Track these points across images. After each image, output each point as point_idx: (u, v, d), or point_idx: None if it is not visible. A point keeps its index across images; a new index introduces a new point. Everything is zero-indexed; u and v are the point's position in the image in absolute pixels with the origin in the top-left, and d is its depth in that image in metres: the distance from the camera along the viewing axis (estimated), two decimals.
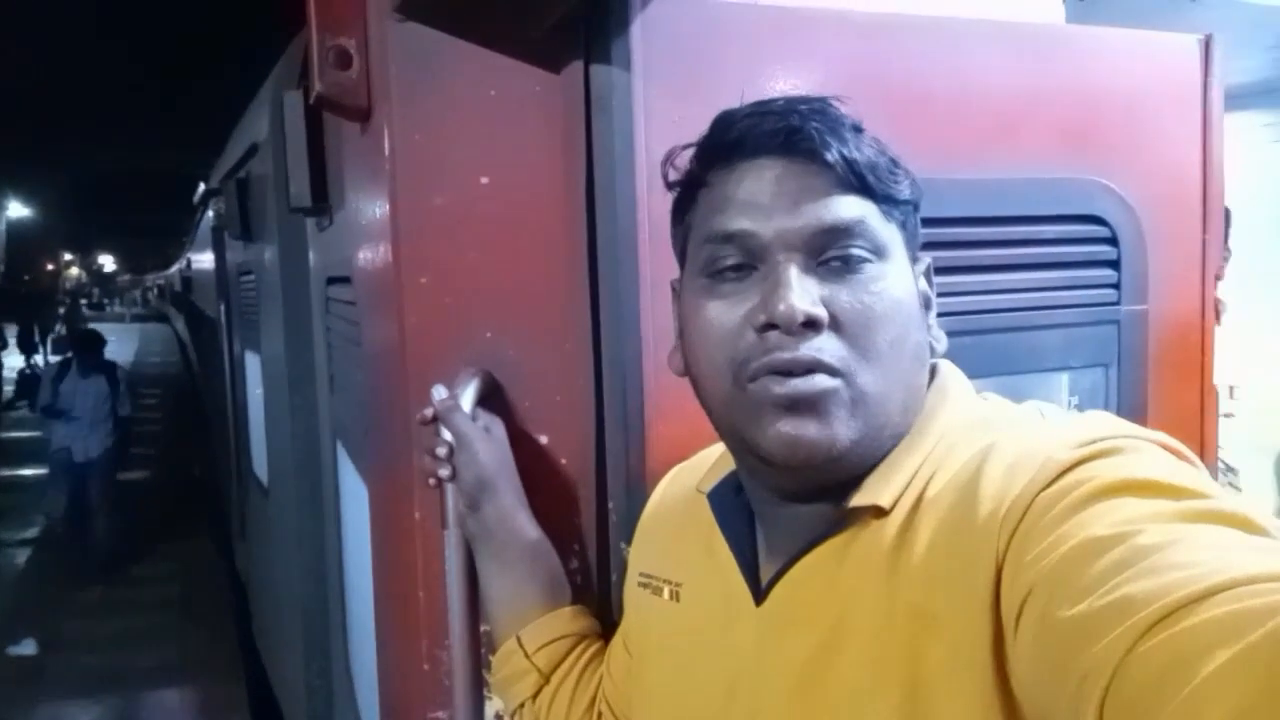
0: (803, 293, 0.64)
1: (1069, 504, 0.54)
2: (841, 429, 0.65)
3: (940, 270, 0.76)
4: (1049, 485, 0.56)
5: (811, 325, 0.64)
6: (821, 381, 0.64)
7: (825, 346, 0.64)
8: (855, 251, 0.66)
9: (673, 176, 0.75)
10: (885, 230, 0.68)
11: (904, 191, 0.69)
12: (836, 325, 0.65)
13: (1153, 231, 1.24)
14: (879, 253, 0.67)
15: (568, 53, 0.98)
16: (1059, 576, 0.51)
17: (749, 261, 0.68)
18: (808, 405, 0.64)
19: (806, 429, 0.64)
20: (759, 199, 0.67)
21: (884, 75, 1.09)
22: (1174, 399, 1.28)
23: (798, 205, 0.66)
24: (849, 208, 0.66)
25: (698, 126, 0.72)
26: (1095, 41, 1.22)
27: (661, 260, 0.88)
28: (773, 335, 0.65)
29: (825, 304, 0.65)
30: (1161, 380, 1.27)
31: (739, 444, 0.71)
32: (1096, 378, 1.22)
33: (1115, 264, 1.23)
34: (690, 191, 0.73)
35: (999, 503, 0.58)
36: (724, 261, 0.68)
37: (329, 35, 1.02)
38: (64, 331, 19.56)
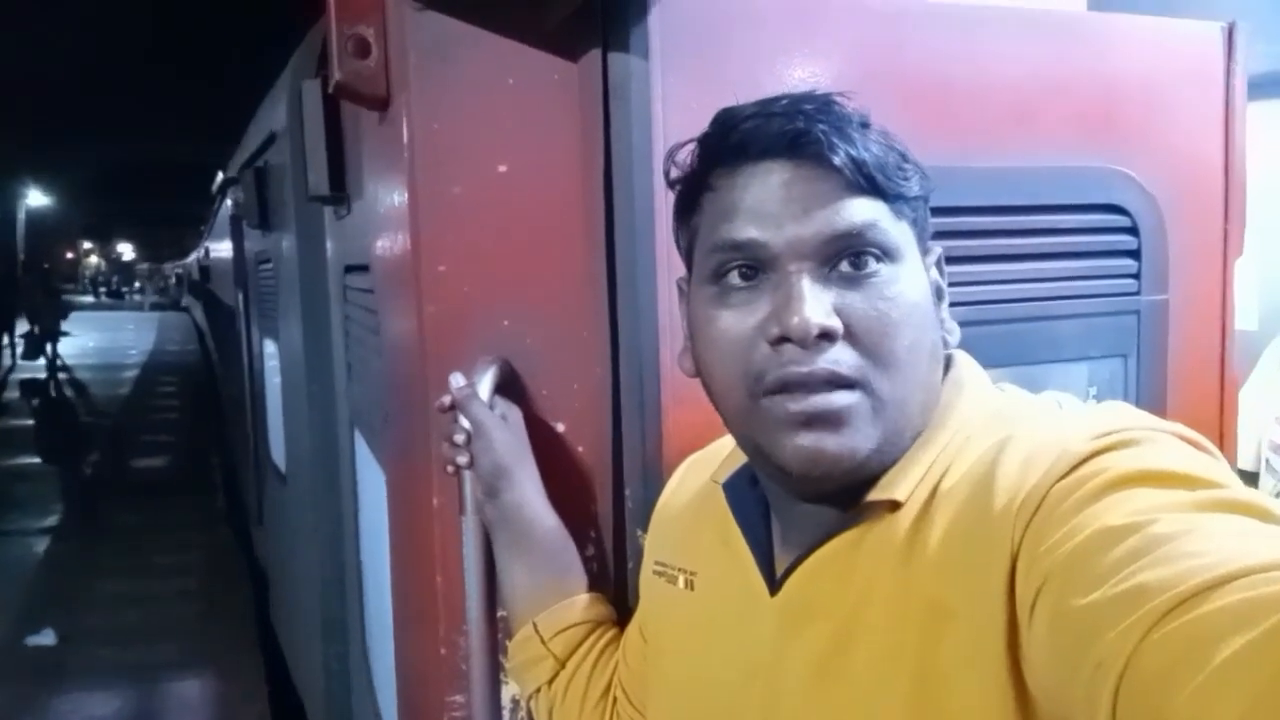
0: (816, 304, 0.63)
1: (1084, 495, 0.54)
2: (861, 440, 0.64)
3: (960, 259, 0.75)
4: (1065, 476, 0.56)
5: (826, 337, 0.63)
6: (840, 398, 0.64)
7: (841, 358, 0.64)
8: (867, 256, 0.65)
9: (674, 174, 0.73)
10: (896, 230, 0.66)
11: (914, 188, 0.68)
12: (851, 334, 0.64)
13: (1174, 221, 1.23)
14: (891, 255, 0.66)
15: (586, 41, 0.98)
16: (1073, 566, 0.51)
17: (759, 270, 0.66)
18: (826, 420, 0.64)
19: (826, 442, 0.64)
20: (767, 206, 0.65)
21: (903, 62, 1.09)
22: (1194, 390, 1.28)
23: (807, 212, 0.64)
24: (860, 211, 0.65)
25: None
26: (1116, 29, 1.21)
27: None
28: (787, 348, 0.64)
29: (839, 312, 0.64)
30: (1181, 371, 1.26)
31: (755, 453, 0.70)
32: (1116, 368, 1.22)
33: (1135, 254, 1.22)
34: (694, 193, 0.71)
35: (1014, 494, 0.58)
36: (733, 271, 0.67)
37: (348, 23, 1.02)
38: (36, 330, 16.27)
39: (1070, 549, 0.52)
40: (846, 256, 0.65)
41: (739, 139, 0.67)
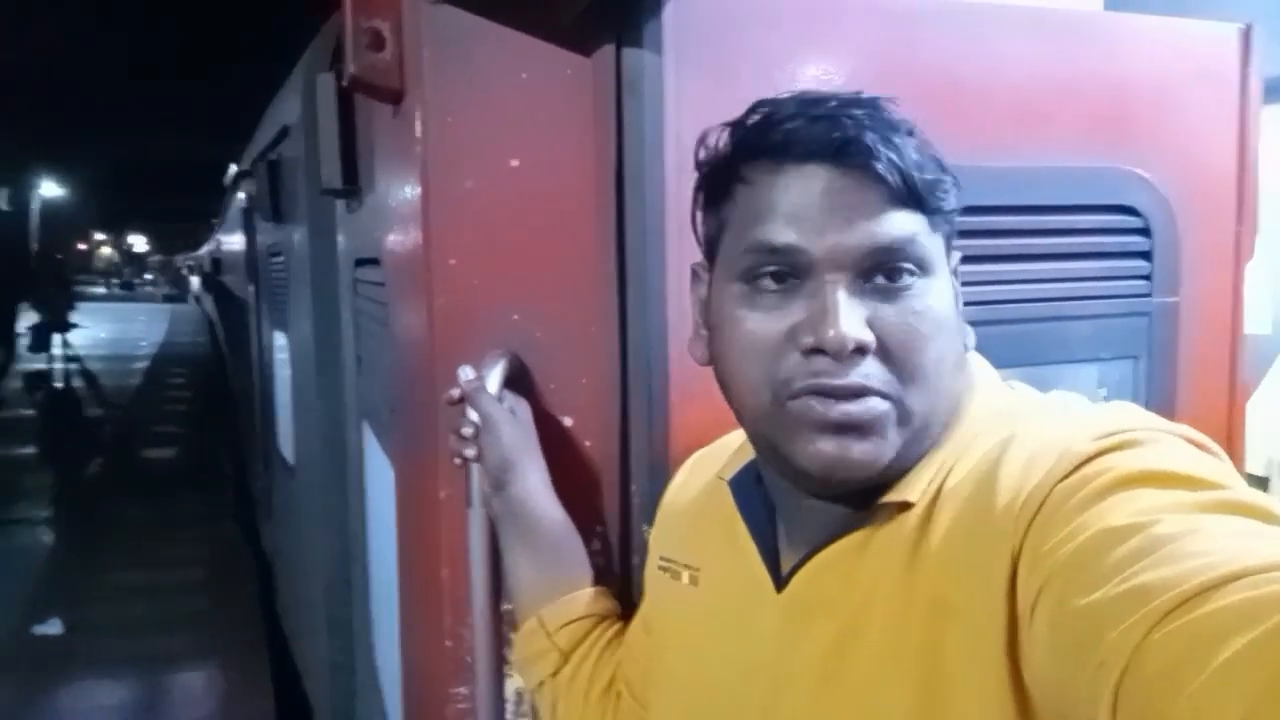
0: (852, 317, 0.62)
1: (1087, 494, 0.54)
2: (886, 448, 0.64)
3: (971, 259, 0.75)
4: (1067, 476, 0.56)
5: (860, 351, 0.63)
6: (873, 404, 0.63)
7: (872, 372, 0.63)
8: (904, 269, 0.64)
9: (704, 156, 0.71)
10: (931, 243, 0.66)
11: (951, 201, 0.67)
12: (883, 348, 0.63)
13: (1186, 223, 1.23)
14: (925, 268, 0.65)
15: (599, 36, 0.98)
16: (1075, 565, 0.51)
17: (792, 275, 0.65)
18: (855, 427, 0.63)
19: (851, 449, 0.63)
20: (808, 211, 0.64)
21: (917, 61, 1.09)
22: (1204, 392, 1.27)
23: (850, 221, 0.63)
24: (901, 224, 0.64)
25: (728, 110, 0.71)
26: (1131, 30, 1.20)
27: (689, 245, 0.88)
28: (819, 359, 0.63)
29: (871, 325, 0.63)
30: (1191, 373, 1.26)
31: (772, 454, 0.70)
32: (1126, 370, 1.21)
33: (1147, 255, 1.21)
34: (725, 182, 0.69)
35: (1017, 493, 0.58)
36: (766, 272, 0.66)
37: (363, 17, 1.03)
38: (48, 320, 15.36)
39: (1072, 549, 0.52)
40: (883, 269, 0.64)
41: (782, 137, 0.65)
